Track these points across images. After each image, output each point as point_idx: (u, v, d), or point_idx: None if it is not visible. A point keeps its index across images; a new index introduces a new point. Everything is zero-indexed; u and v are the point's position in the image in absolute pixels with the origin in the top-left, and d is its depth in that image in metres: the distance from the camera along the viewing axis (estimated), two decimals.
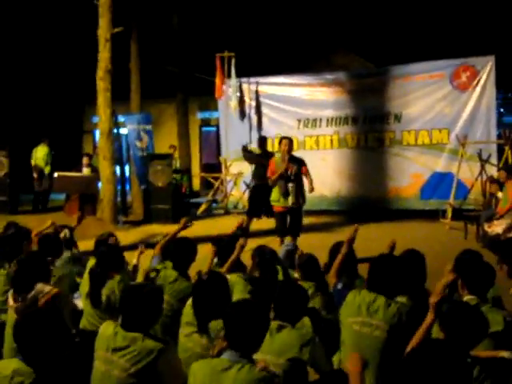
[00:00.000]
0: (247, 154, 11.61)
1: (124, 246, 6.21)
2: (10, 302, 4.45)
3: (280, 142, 9.19)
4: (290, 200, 8.80)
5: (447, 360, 2.39)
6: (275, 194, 9.02)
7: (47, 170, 14.31)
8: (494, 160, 11.99)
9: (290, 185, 8.77)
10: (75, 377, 3.17)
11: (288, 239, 8.67)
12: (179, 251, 5.28)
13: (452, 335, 3.28)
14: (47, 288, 4.47)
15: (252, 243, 5.72)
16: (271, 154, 11.44)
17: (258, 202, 11.06)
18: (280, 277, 5.21)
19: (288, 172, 8.76)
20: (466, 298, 3.99)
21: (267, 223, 10.50)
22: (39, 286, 4.46)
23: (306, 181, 9.05)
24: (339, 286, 5.07)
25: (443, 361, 2.38)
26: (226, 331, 3.14)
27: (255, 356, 3.17)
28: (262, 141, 11.58)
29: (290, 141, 9.15)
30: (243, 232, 9.68)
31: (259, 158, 11.26)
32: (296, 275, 5.36)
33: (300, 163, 8.99)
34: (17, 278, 4.58)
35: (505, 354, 3.42)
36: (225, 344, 3.22)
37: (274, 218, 9.39)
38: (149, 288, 3.79)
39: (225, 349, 3.21)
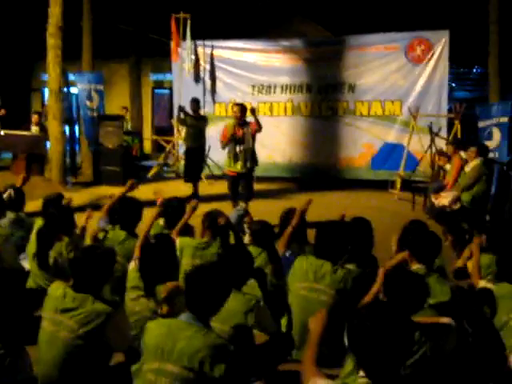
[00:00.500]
0: (180, 117, 11.42)
1: (72, 208, 6.09)
2: None
3: (232, 109, 9.27)
4: (239, 164, 8.90)
5: (389, 320, 2.44)
6: (227, 159, 9.13)
7: None
8: (443, 133, 12.18)
9: (238, 149, 8.86)
10: (22, 336, 3.13)
11: (242, 204, 8.73)
12: (126, 211, 5.26)
13: (392, 300, 3.36)
14: None
15: (205, 208, 5.68)
16: (204, 118, 11.40)
17: (192, 166, 11.04)
18: (231, 241, 5.22)
19: (236, 136, 8.84)
20: (415, 267, 4.08)
21: (221, 188, 10.49)
22: None
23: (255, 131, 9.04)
24: (287, 254, 5.11)
25: (385, 320, 2.43)
26: (185, 293, 3.12)
27: None
28: (195, 103, 11.42)
29: (242, 107, 9.17)
30: (195, 197, 9.72)
31: (194, 120, 11.10)
32: (246, 240, 5.38)
33: (248, 125, 9.04)
34: None
35: (445, 319, 3.53)
36: (167, 309, 3.23)
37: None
38: (101, 250, 3.76)
39: (171, 312, 3.20)
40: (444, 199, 9.17)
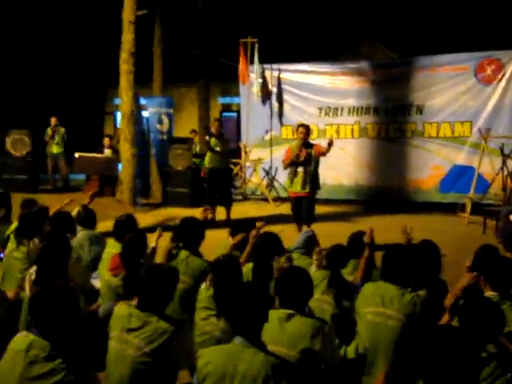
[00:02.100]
0: (206, 139, 11.38)
1: (142, 229, 6.23)
2: (27, 289, 4.37)
3: (297, 130, 9.26)
4: (299, 185, 8.83)
5: (458, 347, 2.39)
6: (287, 180, 9.14)
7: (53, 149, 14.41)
8: None
9: (300, 170, 8.79)
10: (89, 355, 3.21)
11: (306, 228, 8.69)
12: (189, 231, 5.33)
13: (466, 328, 3.26)
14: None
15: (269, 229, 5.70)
16: (227, 139, 11.29)
17: (215, 188, 10.86)
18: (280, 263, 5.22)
19: (299, 158, 8.78)
20: (488, 294, 3.93)
21: (287, 209, 10.47)
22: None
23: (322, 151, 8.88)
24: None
25: (454, 348, 2.38)
26: (229, 315, 3.15)
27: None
28: (218, 123, 11.33)
29: (307, 128, 9.15)
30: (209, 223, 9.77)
31: (218, 141, 10.92)
32: (313, 267, 5.28)
33: (312, 146, 8.96)
34: (42, 259, 4.48)
35: None
36: None
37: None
38: (164, 269, 3.84)
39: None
40: None
